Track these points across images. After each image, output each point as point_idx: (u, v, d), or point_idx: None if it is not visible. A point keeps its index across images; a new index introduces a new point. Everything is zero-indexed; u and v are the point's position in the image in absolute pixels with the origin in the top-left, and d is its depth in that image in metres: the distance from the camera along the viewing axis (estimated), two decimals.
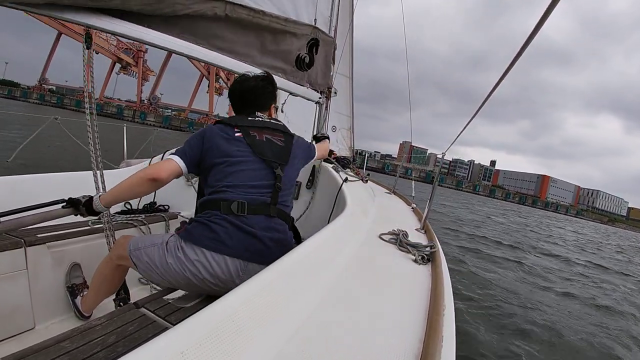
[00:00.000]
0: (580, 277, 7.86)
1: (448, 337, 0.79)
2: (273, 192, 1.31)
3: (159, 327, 0.98)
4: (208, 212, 1.25)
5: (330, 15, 2.88)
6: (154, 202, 2.67)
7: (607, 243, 21.09)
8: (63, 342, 0.83)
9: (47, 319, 1.66)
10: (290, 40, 2.33)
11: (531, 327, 4.08)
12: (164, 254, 1.24)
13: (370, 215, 1.91)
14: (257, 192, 1.28)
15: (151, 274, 1.26)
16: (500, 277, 6.19)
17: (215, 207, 1.24)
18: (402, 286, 1.13)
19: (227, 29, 1.90)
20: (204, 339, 0.58)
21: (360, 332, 0.79)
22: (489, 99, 1.17)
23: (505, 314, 4.38)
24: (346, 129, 4.86)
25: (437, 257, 1.39)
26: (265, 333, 0.68)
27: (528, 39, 0.86)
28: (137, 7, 1.48)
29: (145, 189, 1.25)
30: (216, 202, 1.25)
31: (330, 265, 1.10)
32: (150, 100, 67.76)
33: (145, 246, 1.29)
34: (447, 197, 33.95)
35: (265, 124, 1.45)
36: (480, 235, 10.83)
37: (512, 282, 6.04)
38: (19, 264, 1.55)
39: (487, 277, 5.91)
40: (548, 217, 38.93)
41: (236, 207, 1.22)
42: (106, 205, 1.27)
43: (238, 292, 0.73)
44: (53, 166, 6.69)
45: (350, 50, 4.75)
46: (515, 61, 0.96)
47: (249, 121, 1.42)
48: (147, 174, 1.22)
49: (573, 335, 4.14)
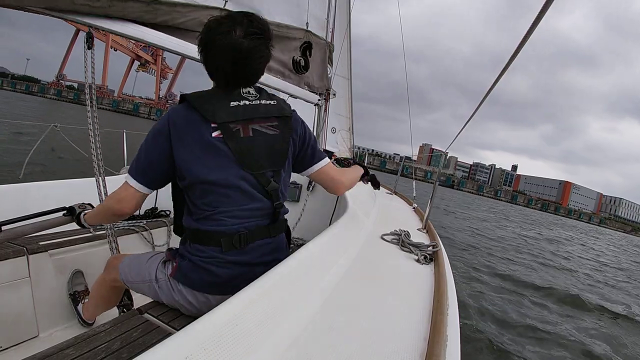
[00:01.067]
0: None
1: (452, 336, 0.79)
2: (273, 211, 1.08)
3: (162, 332, 0.98)
4: (204, 250, 1.02)
5: (327, 18, 2.90)
6: (155, 208, 2.67)
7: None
8: (67, 350, 0.83)
9: (50, 326, 1.65)
10: (284, 44, 2.36)
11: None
12: (157, 291, 1.12)
13: (372, 216, 1.90)
14: (255, 213, 1.05)
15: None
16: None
17: (213, 243, 1.01)
18: (405, 286, 1.13)
19: None
20: (207, 343, 0.58)
21: (364, 332, 0.79)
22: (490, 99, 1.17)
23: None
24: (346, 130, 4.86)
25: (440, 256, 1.39)
26: (269, 336, 0.68)
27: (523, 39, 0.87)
28: (134, 16, 1.51)
29: (115, 221, 1.15)
30: (213, 236, 1.01)
31: (333, 267, 1.09)
32: (166, 98, 68.03)
33: (135, 281, 1.19)
34: (468, 203, 31.56)
35: (254, 110, 1.05)
36: (521, 280, 6.26)
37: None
38: (22, 272, 1.55)
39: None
40: (575, 228, 34.81)
41: (238, 240, 1.01)
42: (90, 224, 1.22)
43: (241, 296, 0.73)
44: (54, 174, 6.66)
45: (349, 51, 4.76)
46: (512, 59, 0.97)
47: (231, 110, 1.02)
48: (111, 209, 1.07)
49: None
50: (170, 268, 1.10)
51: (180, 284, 1.06)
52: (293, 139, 1.11)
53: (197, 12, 1.75)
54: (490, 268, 6.76)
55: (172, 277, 1.07)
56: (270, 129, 1.06)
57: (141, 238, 2.18)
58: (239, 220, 1.02)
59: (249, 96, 1.06)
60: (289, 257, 0.98)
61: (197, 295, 1.05)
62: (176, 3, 1.65)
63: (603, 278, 8.53)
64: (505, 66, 1.03)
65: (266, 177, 1.04)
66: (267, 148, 1.05)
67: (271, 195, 1.05)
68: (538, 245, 12.37)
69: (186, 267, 1.04)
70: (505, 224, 18.99)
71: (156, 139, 1.01)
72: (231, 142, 0.99)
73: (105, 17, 1.43)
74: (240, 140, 1.01)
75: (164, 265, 1.13)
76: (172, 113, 1.02)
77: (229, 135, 1.00)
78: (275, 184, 1.06)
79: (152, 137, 1.01)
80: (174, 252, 1.12)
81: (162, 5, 1.59)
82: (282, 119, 1.09)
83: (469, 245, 8.65)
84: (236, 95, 1.04)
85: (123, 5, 1.45)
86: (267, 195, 1.05)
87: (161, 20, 1.61)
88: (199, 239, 1.03)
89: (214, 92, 1.05)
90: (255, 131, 1.04)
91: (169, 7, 1.63)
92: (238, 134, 1.01)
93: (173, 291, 1.07)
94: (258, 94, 1.08)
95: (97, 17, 1.41)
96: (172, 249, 1.15)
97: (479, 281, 5.63)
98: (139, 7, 1.51)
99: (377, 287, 1.08)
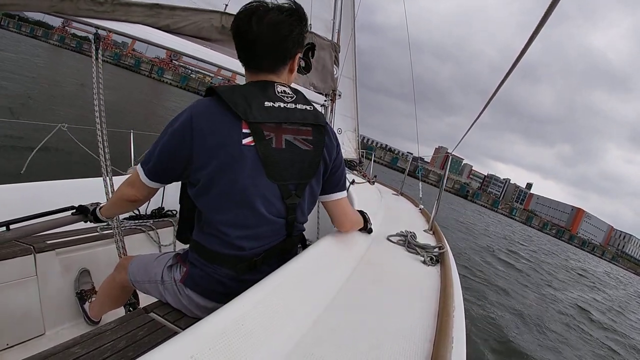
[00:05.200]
0: None
1: (458, 338, 0.78)
2: (288, 226, 1.01)
3: (168, 331, 0.98)
4: (218, 267, 0.98)
5: (333, 19, 2.90)
6: (162, 207, 2.68)
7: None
8: (73, 348, 0.84)
9: (56, 324, 1.66)
10: None
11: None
12: (164, 293, 1.12)
13: (378, 217, 1.90)
14: (273, 233, 0.99)
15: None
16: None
17: (228, 265, 0.97)
18: (411, 287, 1.12)
19: (226, 37, 1.94)
20: (213, 343, 0.58)
21: (369, 333, 0.78)
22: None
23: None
24: (352, 131, 4.86)
25: (446, 258, 1.38)
26: (275, 336, 0.68)
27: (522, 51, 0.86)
28: (137, 20, 1.54)
29: (127, 208, 1.14)
30: (228, 259, 0.97)
31: (339, 267, 1.09)
32: (171, 57, 65.60)
33: (142, 281, 1.20)
34: (483, 217, 29.54)
35: (289, 114, 0.95)
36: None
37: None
38: (29, 271, 1.56)
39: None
40: (588, 260, 33.22)
41: (254, 264, 0.97)
42: (106, 216, 1.24)
43: (247, 296, 0.73)
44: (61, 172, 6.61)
45: (354, 52, 4.76)
46: (518, 60, 0.96)
47: (265, 109, 0.92)
48: (124, 194, 1.05)
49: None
50: (179, 273, 1.07)
51: (189, 289, 1.04)
52: (326, 158, 1.02)
53: (198, 15, 1.77)
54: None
55: (182, 283, 1.05)
56: (304, 144, 0.97)
57: (147, 237, 2.19)
58: (256, 243, 0.97)
59: (285, 96, 0.97)
60: (295, 258, 0.98)
61: (208, 303, 1.03)
62: (177, 7, 1.69)
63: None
64: (510, 68, 1.02)
65: (288, 190, 0.96)
66: (297, 162, 0.96)
67: (288, 209, 0.98)
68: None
69: (198, 276, 1.01)
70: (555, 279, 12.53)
71: (173, 141, 0.90)
72: (262, 149, 0.90)
73: (110, 20, 1.45)
74: (271, 150, 0.92)
75: (171, 269, 1.11)
76: (195, 110, 0.90)
77: (260, 142, 0.90)
78: (295, 197, 0.98)
79: (170, 138, 0.91)
80: (184, 256, 1.09)
81: (163, 9, 1.62)
82: (317, 128, 1.00)
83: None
84: (270, 93, 0.95)
85: (126, 10, 1.49)
86: (286, 209, 0.98)
87: (163, 24, 1.65)
88: (210, 258, 0.99)
89: (247, 88, 0.95)
90: (288, 143, 0.94)
91: (170, 10, 1.66)
92: (270, 144, 0.92)
93: (180, 295, 1.06)
94: (295, 95, 1.00)
95: (102, 19, 1.43)
96: (180, 253, 1.13)
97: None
98: (141, 12, 1.54)
99: (382, 288, 1.07)
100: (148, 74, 60.47)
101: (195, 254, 1.03)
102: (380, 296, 1.01)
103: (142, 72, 60.82)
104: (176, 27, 1.69)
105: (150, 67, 63.05)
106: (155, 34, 1.62)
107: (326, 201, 1.13)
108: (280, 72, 0.99)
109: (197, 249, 1.02)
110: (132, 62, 64.02)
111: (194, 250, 1.03)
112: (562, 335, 6.01)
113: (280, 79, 1.00)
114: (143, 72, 60.57)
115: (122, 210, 1.21)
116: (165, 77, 60.94)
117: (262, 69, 0.98)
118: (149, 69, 62.48)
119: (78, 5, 1.33)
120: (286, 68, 1.00)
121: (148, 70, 62.34)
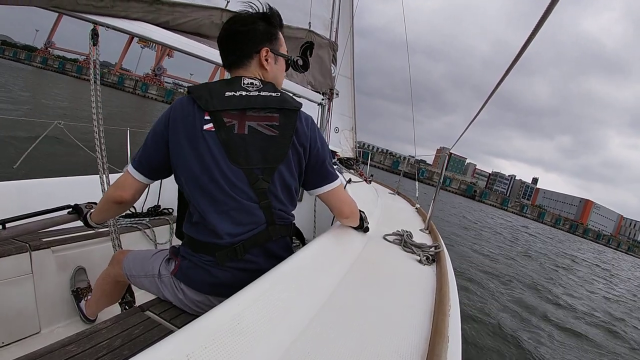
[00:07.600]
0: None
1: (454, 337, 0.78)
2: (266, 212, 1.01)
3: (164, 330, 0.98)
4: (202, 255, 1.02)
5: (332, 17, 2.90)
6: (157, 205, 2.67)
7: None
8: (69, 346, 0.84)
9: (52, 323, 1.66)
10: (287, 44, 2.37)
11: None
12: (159, 287, 1.13)
13: (374, 216, 1.90)
14: (249, 215, 0.99)
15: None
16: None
17: (207, 251, 1.00)
18: (407, 287, 1.13)
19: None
20: (209, 341, 0.58)
21: (365, 332, 0.79)
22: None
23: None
24: (349, 130, 4.87)
25: (442, 257, 1.38)
26: (270, 335, 0.68)
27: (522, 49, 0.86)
28: (137, 16, 1.53)
29: (116, 211, 1.15)
30: (207, 247, 1.00)
31: (335, 266, 1.09)
32: (154, 71, 62.23)
33: (138, 275, 1.20)
34: (493, 218, 27.24)
35: (249, 101, 0.99)
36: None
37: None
38: (24, 269, 1.55)
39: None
40: (605, 253, 31.08)
41: (234, 252, 0.98)
42: (96, 222, 1.23)
43: (242, 294, 0.73)
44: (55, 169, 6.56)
45: (352, 51, 4.76)
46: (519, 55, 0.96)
47: (226, 98, 0.98)
48: (110, 196, 1.08)
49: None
50: (173, 266, 1.10)
51: (182, 282, 1.06)
52: (296, 144, 1.01)
53: (199, 12, 1.77)
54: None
55: (174, 275, 1.07)
56: (269, 129, 0.98)
57: (144, 236, 2.19)
58: (234, 229, 0.98)
59: (250, 87, 1.01)
60: (291, 257, 0.98)
61: (199, 295, 1.05)
62: (177, 3, 1.67)
63: None
64: (511, 64, 1.02)
65: (254, 174, 0.97)
66: (261, 148, 0.97)
67: (259, 195, 0.98)
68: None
69: (187, 267, 1.05)
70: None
71: (155, 130, 1.01)
72: (222, 134, 0.95)
73: (109, 16, 1.44)
74: (233, 135, 0.96)
75: (168, 262, 1.14)
76: (173, 105, 1.01)
77: (221, 127, 0.95)
78: (263, 182, 0.98)
79: (153, 128, 1.02)
80: (176, 250, 1.12)
81: (163, 5, 1.61)
82: (285, 113, 1.01)
83: None
84: (234, 85, 1.01)
85: (126, 5, 1.47)
86: (256, 194, 0.98)
87: (163, 20, 1.63)
88: (195, 247, 1.02)
89: (215, 84, 1.03)
90: (251, 129, 0.97)
91: (170, 7, 1.64)
92: (232, 129, 0.96)
93: (176, 289, 1.08)
94: (262, 85, 1.03)
95: (101, 14, 1.42)
96: (175, 247, 1.14)
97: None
98: (141, 7, 1.53)
99: (378, 287, 1.07)
100: (132, 91, 58.29)
101: (185, 246, 1.07)
102: (375, 295, 1.01)
103: (126, 88, 58.64)
104: (176, 23, 1.68)
105: (135, 83, 60.76)
106: (154, 31, 1.61)
107: (320, 194, 1.13)
108: (247, 66, 1.07)
109: (186, 240, 1.07)
110: (115, 80, 61.11)
111: (185, 243, 1.08)
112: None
113: (249, 72, 1.07)
114: (127, 89, 58.33)
115: (110, 214, 1.19)
116: (150, 92, 58.25)
117: (231, 66, 1.08)
118: (132, 85, 60.15)
119: (77, 0, 1.32)
120: (252, 62, 1.07)
121: (132, 86, 60.03)
